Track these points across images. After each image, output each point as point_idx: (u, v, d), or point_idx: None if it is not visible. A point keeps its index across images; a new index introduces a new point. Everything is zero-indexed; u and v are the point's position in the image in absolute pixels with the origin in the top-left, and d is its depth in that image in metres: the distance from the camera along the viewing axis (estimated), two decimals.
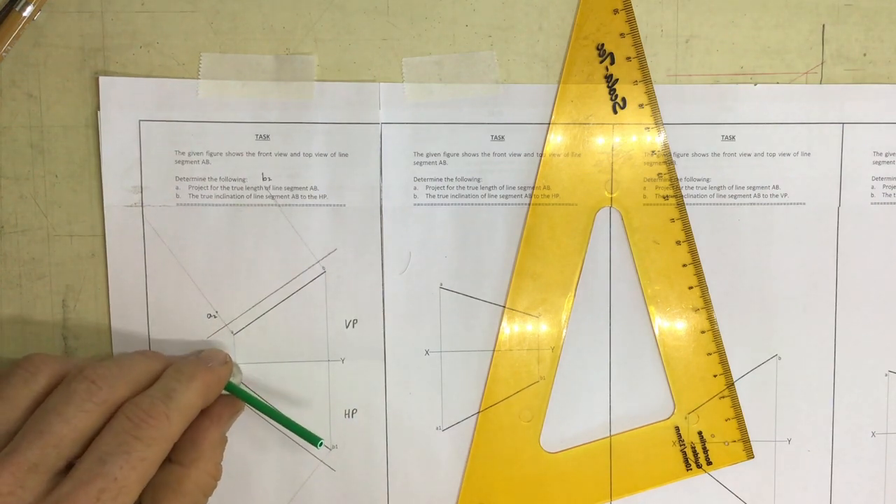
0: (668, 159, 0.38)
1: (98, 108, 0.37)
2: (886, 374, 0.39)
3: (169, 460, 0.35)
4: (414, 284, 0.38)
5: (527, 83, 0.37)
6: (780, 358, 0.39)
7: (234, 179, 0.37)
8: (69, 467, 0.30)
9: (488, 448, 0.39)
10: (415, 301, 0.38)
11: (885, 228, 0.38)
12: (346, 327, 0.38)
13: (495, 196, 0.38)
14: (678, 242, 0.38)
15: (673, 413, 0.39)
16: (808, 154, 0.38)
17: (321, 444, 0.36)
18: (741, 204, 0.38)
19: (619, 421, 0.39)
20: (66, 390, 0.32)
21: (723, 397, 0.39)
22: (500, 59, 0.37)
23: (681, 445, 0.39)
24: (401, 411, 0.38)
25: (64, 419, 0.31)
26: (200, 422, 0.35)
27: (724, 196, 0.38)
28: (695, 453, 0.39)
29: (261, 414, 0.37)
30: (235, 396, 0.36)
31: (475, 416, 0.39)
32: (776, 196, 0.38)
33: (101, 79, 0.37)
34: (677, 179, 0.38)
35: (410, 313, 0.38)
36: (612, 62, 0.37)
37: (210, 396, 0.35)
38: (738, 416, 0.39)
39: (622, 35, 0.37)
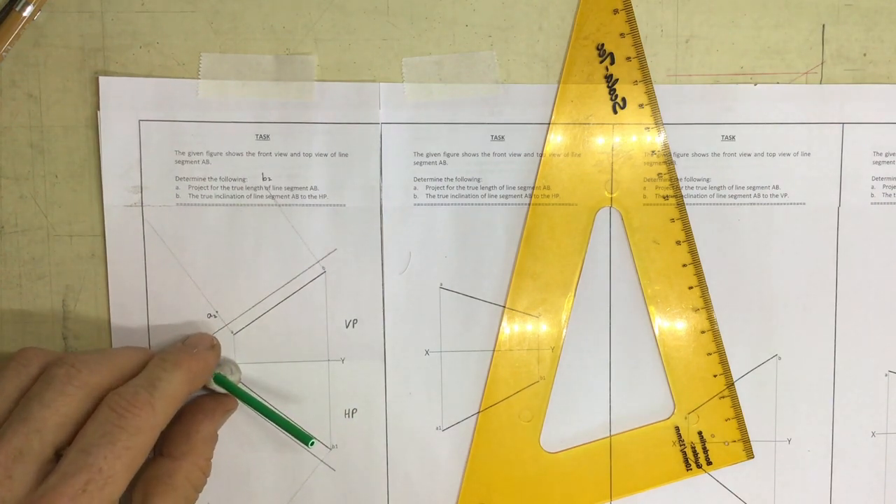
0: (668, 159, 0.38)
1: (98, 108, 0.37)
2: (886, 374, 0.39)
3: (160, 454, 0.35)
4: (414, 284, 0.38)
5: (527, 83, 0.37)
6: (780, 358, 0.39)
7: (234, 179, 0.37)
8: (58, 457, 0.30)
9: (488, 448, 0.39)
10: (415, 301, 0.38)
11: (885, 228, 0.38)
12: (346, 327, 0.38)
13: (495, 196, 0.38)
14: (678, 242, 0.38)
15: (673, 413, 0.39)
16: (808, 154, 0.38)
17: (312, 443, 0.36)
18: (741, 204, 0.38)
19: (619, 421, 0.39)
20: (46, 376, 0.32)
21: (723, 397, 0.39)
22: (500, 59, 0.37)
23: (681, 445, 0.39)
24: (401, 411, 0.38)
25: (44, 403, 0.31)
26: (193, 416, 0.35)
27: (724, 196, 0.38)
28: (695, 453, 0.39)
29: (255, 412, 0.37)
30: (230, 394, 0.36)
31: (475, 416, 0.39)
32: (776, 196, 0.38)
33: (101, 79, 0.37)
34: (677, 179, 0.38)
35: (410, 313, 0.38)
36: (612, 62, 0.37)
37: (197, 383, 0.34)
38: (738, 416, 0.39)
39: (622, 35, 0.37)
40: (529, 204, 0.38)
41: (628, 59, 0.37)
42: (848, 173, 0.38)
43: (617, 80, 0.37)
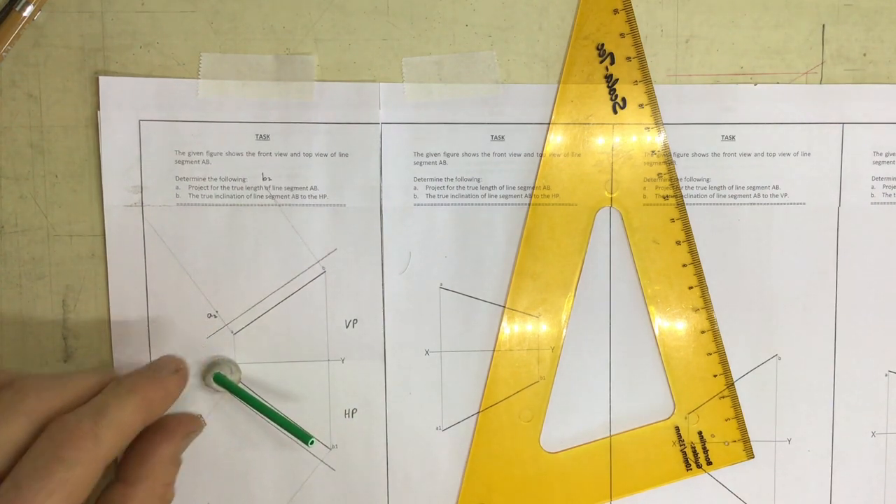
0: (668, 159, 0.38)
1: (98, 108, 0.37)
2: (886, 374, 0.39)
3: (116, 478, 0.32)
4: (414, 284, 0.38)
5: (527, 83, 0.37)
6: (780, 358, 0.39)
7: (234, 179, 0.37)
8: None
9: (488, 448, 0.39)
10: (415, 301, 0.38)
11: (885, 228, 0.38)
12: (346, 327, 0.38)
13: (495, 196, 0.38)
14: (678, 242, 0.38)
15: (673, 413, 0.39)
16: (808, 154, 0.38)
17: (312, 442, 0.36)
18: (741, 204, 0.38)
19: (619, 421, 0.39)
20: None
21: (723, 397, 0.39)
22: (500, 59, 0.37)
23: (681, 445, 0.39)
24: (401, 411, 0.38)
25: None
26: (151, 436, 0.33)
27: (724, 196, 0.38)
28: (695, 453, 0.39)
29: (254, 411, 0.37)
30: (193, 415, 0.35)
31: (475, 416, 0.39)
32: (776, 196, 0.38)
33: (101, 79, 0.37)
34: (677, 179, 0.38)
35: (410, 313, 0.38)
36: (612, 62, 0.37)
37: (154, 411, 0.32)
38: (738, 416, 0.39)
39: (622, 35, 0.37)
40: (529, 204, 0.38)
41: (628, 59, 0.37)
42: (848, 173, 0.38)
43: (617, 80, 0.37)
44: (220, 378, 0.36)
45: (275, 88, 0.37)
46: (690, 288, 0.38)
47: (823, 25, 0.38)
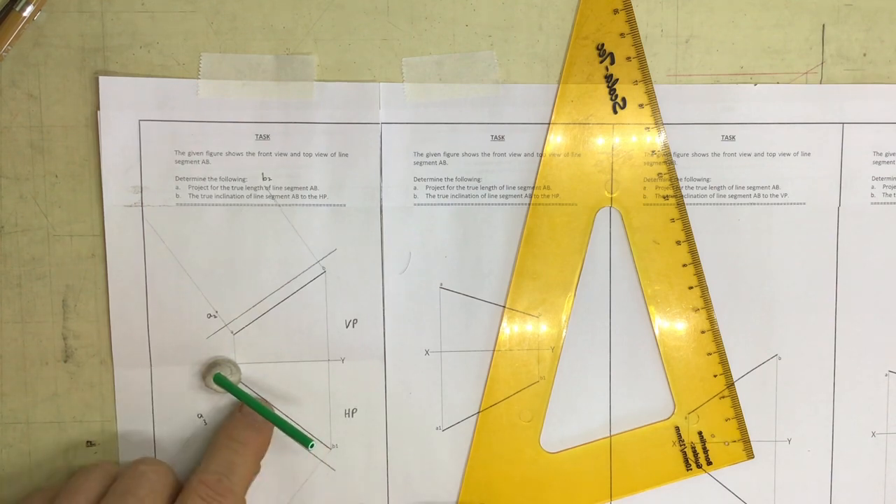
0: (668, 159, 0.38)
1: (98, 107, 0.37)
2: (886, 374, 0.39)
3: None
4: (414, 284, 0.38)
5: (527, 83, 0.37)
6: (780, 358, 0.39)
7: (234, 179, 0.37)
8: None
9: (488, 448, 0.39)
10: (415, 301, 0.38)
11: (885, 228, 0.38)
12: (346, 327, 0.38)
13: (495, 196, 0.38)
14: (678, 242, 0.38)
15: (673, 413, 0.39)
16: (808, 154, 0.38)
17: (312, 445, 0.36)
18: (741, 204, 0.38)
19: (619, 421, 0.39)
20: (134, 473, 0.34)
21: (723, 397, 0.39)
22: (500, 59, 0.37)
23: (681, 445, 0.39)
24: (401, 411, 0.38)
25: (139, 497, 0.33)
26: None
27: (724, 196, 0.38)
28: (695, 453, 0.39)
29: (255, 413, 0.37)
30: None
31: (475, 416, 0.39)
32: (776, 196, 0.38)
33: (101, 79, 0.37)
34: (677, 179, 0.38)
35: (410, 313, 0.38)
36: (612, 62, 0.37)
37: (261, 457, 0.37)
38: (738, 416, 0.39)
39: (622, 35, 0.37)
40: (529, 204, 0.38)
41: (628, 59, 0.37)
42: (848, 173, 0.38)
43: (617, 80, 0.37)
44: (221, 379, 0.36)
45: (275, 88, 0.37)
46: (690, 288, 0.38)
47: (823, 25, 0.38)
